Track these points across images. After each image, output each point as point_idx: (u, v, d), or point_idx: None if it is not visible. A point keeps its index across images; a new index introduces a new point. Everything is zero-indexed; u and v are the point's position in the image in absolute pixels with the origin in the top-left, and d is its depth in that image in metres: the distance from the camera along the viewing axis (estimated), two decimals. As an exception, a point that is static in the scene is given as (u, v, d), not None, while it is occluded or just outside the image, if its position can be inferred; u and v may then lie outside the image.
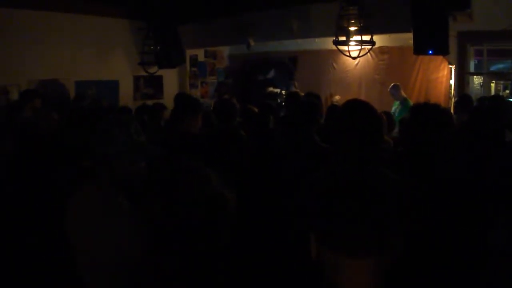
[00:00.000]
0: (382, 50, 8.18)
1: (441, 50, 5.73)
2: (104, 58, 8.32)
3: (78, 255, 1.75)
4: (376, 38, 7.48)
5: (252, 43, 7.98)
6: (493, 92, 7.54)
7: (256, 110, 4.15)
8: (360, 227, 1.67)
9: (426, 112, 2.22)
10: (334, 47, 6.02)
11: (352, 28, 5.74)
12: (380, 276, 1.66)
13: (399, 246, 1.69)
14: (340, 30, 5.78)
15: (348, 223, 1.69)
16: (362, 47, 5.71)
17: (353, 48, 6.08)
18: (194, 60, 9.90)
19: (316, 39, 8.09)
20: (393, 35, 7.51)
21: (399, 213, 1.72)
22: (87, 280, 1.72)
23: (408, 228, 1.73)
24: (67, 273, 1.89)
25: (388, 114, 4.82)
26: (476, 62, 7.33)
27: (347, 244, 1.67)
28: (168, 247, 1.33)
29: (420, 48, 5.75)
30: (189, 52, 9.50)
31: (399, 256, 1.68)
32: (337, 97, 8.14)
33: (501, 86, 8.15)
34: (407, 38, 6.01)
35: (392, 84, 7.18)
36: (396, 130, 4.68)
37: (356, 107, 1.89)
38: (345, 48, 5.91)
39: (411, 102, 6.88)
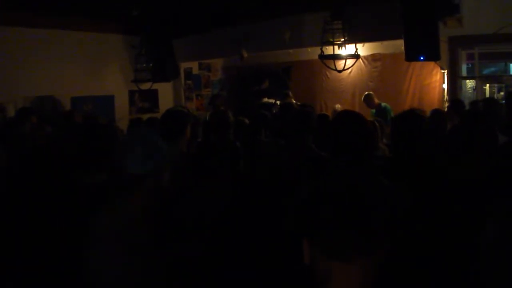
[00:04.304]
0: (375, 57, 8.24)
1: (433, 56, 5.76)
2: (99, 74, 8.38)
3: (94, 273, 1.69)
4: (368, 45, 7.58)
5: (245, 54, 8.02)
6: (487, 95, 7.58)
7: (246, 121, 4.17)
8: (352, 231, 1.70)
9: (406, 120, 2.27)
10: (326, 56, 6.06)
11: (337, 42, 5.79)
12: (370, 276, 1.68)
13: (387, 247, 1.72)
14: (325, 44, 5.83)
15: (340, 228, 1.71)
16: (347, 60, 5.75)
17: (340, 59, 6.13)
18: (188, 73, 9.96)
19: (309, 49, 8.11)
20: (385, 42, 7.56)
21: (389, 217, 1.74)
22: None
23: (398, 231, 1.76)
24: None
25: (380, 121, 4.85)
26: (470, 66, 7.36)
27: (338, 248, 1.69)
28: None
29: (411, 55, 5.78)
30: (183, 65, 9.56)
31: (387, 256, 1.70)
32: (338, 106, 8.17)
33: (495, 88, 8.22)
34: (399, 45, 6.04)
35: (365, 94, 7.23)
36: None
37: (348, 118, 1.93)
38: (331, 61, 5.95)
39: (388, 106, 6.92)
